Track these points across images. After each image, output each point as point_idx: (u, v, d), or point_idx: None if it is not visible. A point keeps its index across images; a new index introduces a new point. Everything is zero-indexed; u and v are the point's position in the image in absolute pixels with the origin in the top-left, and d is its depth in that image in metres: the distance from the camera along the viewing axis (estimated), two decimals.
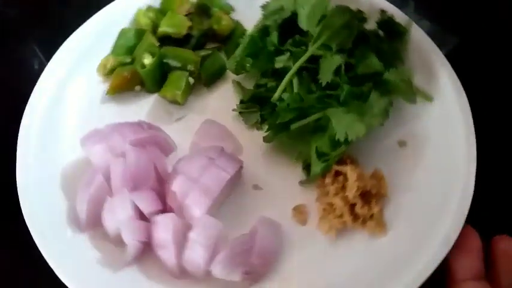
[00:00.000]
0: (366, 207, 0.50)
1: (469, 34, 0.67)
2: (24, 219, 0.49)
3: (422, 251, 0.47)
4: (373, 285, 0.47)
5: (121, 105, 0.60)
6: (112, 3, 0.64)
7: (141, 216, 0.49)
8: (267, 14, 0.58)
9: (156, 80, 0.60)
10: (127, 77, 0.59)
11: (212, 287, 0.48)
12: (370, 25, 0.58)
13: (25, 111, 0.56)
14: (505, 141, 0.60)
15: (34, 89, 0.57)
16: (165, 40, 0.62)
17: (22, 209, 0.50)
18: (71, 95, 0.60)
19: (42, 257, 0.47)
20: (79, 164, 0.55)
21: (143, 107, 0.60)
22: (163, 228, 0.46)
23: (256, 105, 0.58)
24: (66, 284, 0.46)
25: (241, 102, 0.59)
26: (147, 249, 0.49)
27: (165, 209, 0.50)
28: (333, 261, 0.50)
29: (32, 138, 0.55)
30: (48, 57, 0.60)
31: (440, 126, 0.55)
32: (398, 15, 0.59)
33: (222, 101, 0.61)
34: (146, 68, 0.58)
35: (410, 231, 0.50)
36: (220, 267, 0.45)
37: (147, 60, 0.58)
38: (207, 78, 0.61)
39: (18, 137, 0.54)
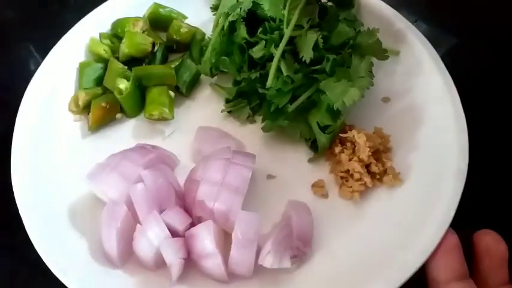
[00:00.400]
0: (380, 164, 0.52)
1: (466, 35, 0.69)
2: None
3: (440, 192, 0.50)
4: (404, 230, 0.49)
5: (108, 136, 0.58)
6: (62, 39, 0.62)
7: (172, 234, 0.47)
8: (228, 11, 0.58)
9: (136, 102, 0.59)
10: (106, 107, 0.57)
11: (263, 281, 0.48)
12: None
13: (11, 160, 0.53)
14: (501, 142, 0.61)
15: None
16: (129, 62, 0.61)
17: (48, 265, 0.47)
18: (53, 132, 0.57)
19: None
20: (82, 200, 0.53)
21: (131, 133, 0.59)
22: (205, 238, 0.45)
23: (243, 100, 0.59)
24: None
25: (228, 101, 0.59)
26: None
27: (193, 221, 0.49)
28: (361, 221, 0.52)
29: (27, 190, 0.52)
30: (44, 58, 0.60)
31: (415, 76, 0.59)
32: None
33: (205, 106, 0.62)
34: (125, 93, 0.56)
35: (421, 178, 0.53)
36: (271, 257, 0.45)
37: (123, 85, 0.57)
38: (185, 87, 0.60)
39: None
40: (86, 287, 0.46)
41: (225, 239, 0.49)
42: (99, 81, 0.61)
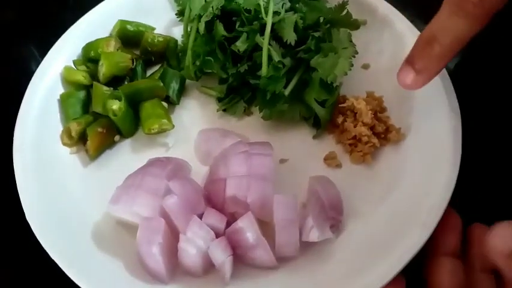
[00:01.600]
0: (382, 123, 0.55)
1: None
2: None
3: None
4: (420, 178, 0.52)
5: (111, 160, 0.58)
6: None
7: None
8: (200, 12, 0.59)
9: (132, 121, 0.58)
10: (103, 132, 0.56)
11: (308, 257, 0.49)
12: None
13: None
14: (498, 147, 0.60)
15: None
16: (110, 83, 0.60)
17: None
18: (53, 172, 0.56)
19: None
20: (104, 227, 0.53)
21: (134, 152, 0.58)
22: (250, 229, 0.46)
23: (236, 96, 0.60)
24: None
25: (220, 99, 0.60)
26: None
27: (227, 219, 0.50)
28: (378, 180, 0.55)
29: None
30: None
31: (387, 39, 0.63)
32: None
33: (197, 110, 0.62)
34: (120, 113, 0.56)
35: (420, 130, 0.56)
36: (315, 231, 0.46)
37: (116, 105, 0.56)
38: (175, 95, 0.60)
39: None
40: None
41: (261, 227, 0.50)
42: (85, 109, 0.59)
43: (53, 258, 0.48)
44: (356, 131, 0.54)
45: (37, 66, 0.59)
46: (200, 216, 0.48)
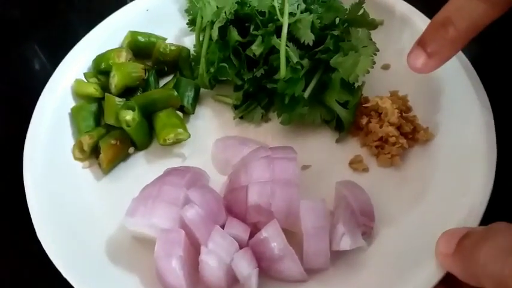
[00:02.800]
0: (409, 123, 0.52)
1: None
2: None
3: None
4: (454, 178, 0.49)
5: (125, 173, 0.55)
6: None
7: None
8: (212, 19, 0.57)
9: (146, 131, 0.56)
10: (116, 144, 0.54)
11: (339, 269, 0.46)
12: None
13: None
14: None
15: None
16: (122, 94, 0.58)
17: None
18: (66, 188, 0.53)
19: None
20: (119, 242, 0.50)
21: (149, 164, 0.56)
22: (276, 239, 0.43)
23: (253, 102, 0.58)
24: None
25: (236, 107, 0.58)
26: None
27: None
28: (409, 183, 0.51)
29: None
30: (49, 58, 0.59)
31: (406, 38, 0.60)
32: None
33: (211, 119, 0.60)
34: (134, 124, 0.53)
35: (449, 129, 0.53)
36: (347, 239, 0.43)
37: (129, 116, 0.53)
38: (190, 105, 0.58)
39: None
40: None
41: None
42: (97, 122, 0.57)
43: (64, 275, 0.45)
44: (383, 132, 0.51)
45: (41, 66, 0.58)
46: (221, 228, 0.45)
